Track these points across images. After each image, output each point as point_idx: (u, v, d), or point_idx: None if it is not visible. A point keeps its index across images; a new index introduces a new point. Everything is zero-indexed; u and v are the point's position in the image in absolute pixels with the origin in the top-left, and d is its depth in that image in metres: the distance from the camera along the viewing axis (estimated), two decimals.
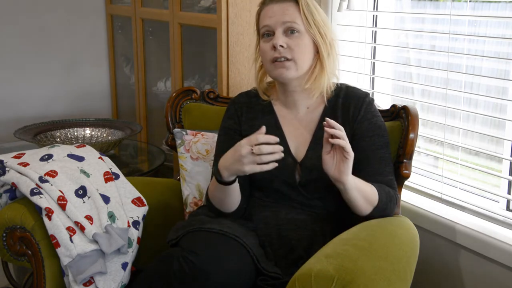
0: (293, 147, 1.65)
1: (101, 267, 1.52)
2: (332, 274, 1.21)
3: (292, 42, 1.57)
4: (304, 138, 1.65)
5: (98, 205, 1.60)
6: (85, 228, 1.54)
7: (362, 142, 1.62)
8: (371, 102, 1.66)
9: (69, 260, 1.51)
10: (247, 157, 1.43)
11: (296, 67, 1.59)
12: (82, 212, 1.58)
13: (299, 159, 1.63)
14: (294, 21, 1.58)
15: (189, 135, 1.96)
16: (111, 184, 1.69)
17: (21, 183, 1.59)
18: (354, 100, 1.64)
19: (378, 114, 1.66)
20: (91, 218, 1.58)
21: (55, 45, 3.18)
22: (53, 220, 1.53)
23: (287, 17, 1.58)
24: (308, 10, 1.59)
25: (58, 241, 1.52)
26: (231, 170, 1.50)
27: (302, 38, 1.58)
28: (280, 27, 1.58)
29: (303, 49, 1.58)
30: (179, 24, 2.54)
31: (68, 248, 1.51)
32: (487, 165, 1.87)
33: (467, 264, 1.79)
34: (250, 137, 1.45)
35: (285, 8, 1.59)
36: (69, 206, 1.56)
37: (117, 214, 1.62)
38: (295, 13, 1.58)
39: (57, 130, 2.59)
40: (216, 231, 1.49)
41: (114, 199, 1.65)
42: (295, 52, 1.58)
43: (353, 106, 1.64)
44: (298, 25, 1.58)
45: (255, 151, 1.42)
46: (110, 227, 1.57)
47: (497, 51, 1.82)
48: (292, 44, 1.57)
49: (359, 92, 1.67)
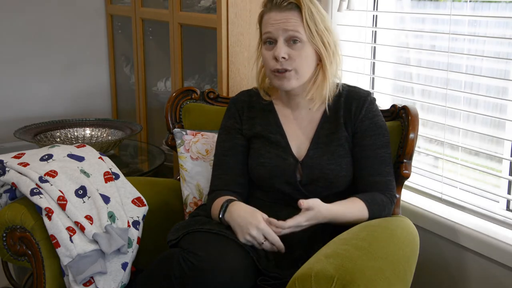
0: (294, 146, 1.65)
1: (101, 267, 1.52)
2: (332, 274, 1.21)
3: (294, 52, 1.56)
4: (305, 137, 1.65)
5: (98, 205, 1.60)
6: (85, 228, 1.54)
7: (363, 141, 1.62)
8: (372, 102, 1.66)
9: (69, 260, 1.51)
10: (252, 237, 1.47)
11: (297, 76, 1.58)
12: (82, 212, 1.58)
13: (300, 158, 1.63)
14: (297, 31, 1.56)
15: (189, 135, 1.96)
16: (111, 184, 1.69)
17: (21, 183, 1.59)
18: (356, 99, 1.64)
19: (379, 114, 1.67)
20: (91, 218, 1.58)
21: (55, 45, 3.18)
22: (53, 220, 1.53)
23: (290, 26, 1.56)
24: (312, 19, 1.56)
25: (58, 241, 1.52)
26: (232, 224, 1.52)
27: (304, 48, 1.57)
28: (282, 36, 1.56)
29: (305, 59, 1.57)
30: (179, 24, 2.54)
31: (68, 248, 1.51)
32: (487, 165, 1.87)
33: (467, 264, 1.79)
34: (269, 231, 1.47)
35: (288, 16, 1.56)
36: (69, 206, 1.56)
37: (117, 214, 1.62)
38: (298, 22, 1.56)
39: (57, 130, 2.59)
40: (215, 232, 1.49)
41: (114, 199, 1.65)
42: (297, 63, 1.57)
43: (355, 105, 1.64)
44: (301, 35, 1.56)
45: (262, 245, 1.48)
46: (110, 227, 1.57)
47: (497, 51, 1.82)
48: (294, 54, 1.56)
49: (361, 91, 1.67)
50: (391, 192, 1.63)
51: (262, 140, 1.68)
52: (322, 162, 1.60)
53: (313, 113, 1.67)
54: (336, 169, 1.60)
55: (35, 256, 1.57)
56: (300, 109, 1.68)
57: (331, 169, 1.60)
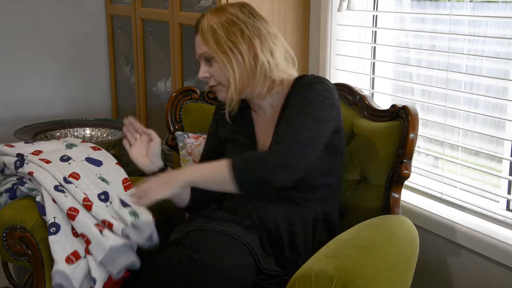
0: (261, 145, 1.69)
1: (134, 258, 1.51)
2: (332, 274, 1.21)
3: (211, 69, 1.64)
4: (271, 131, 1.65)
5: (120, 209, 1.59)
6: (113, 225, 1.52)
7: (284, 112, 1.62)
8: (312, 82, 1.61)
9: (103, 255, 1.48)
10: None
11: (225, 88, 1.64)
12: (107, 214, 1.57)
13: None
14: (203, 51, 1.63)
15: (191, 138, 1.97)
16: (132, 191, 1.67)
17: (42, 177, 1.58)
18: (300, 85, 1.63)
19: (314, 90, 1.59)
20: (116, 219, 1.57)
21: (55, 45, 3.18)
22: (79, 219, 1.52)
23: (199, 49, 1.65)
24: (209, 34, 1.61)
25: (88, 238, 1.50)
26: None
27: (217, 61, 1.62)
28: (200, 59, 1.66)
29: (221, 71, 1.62)
30: (179, 24, 2.54)
31: (101, 242, 1.49)
32: (487, 165, 1.87)
33: (467, 264, 1.79)
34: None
35: (197, 40, 1.66)
36: (94, 207, 1.55)
37: (139, 212, 1.60)
38: (202, 43, 1.63)
39: (57, 130, 2.59)
40: (218, 230, 1.50)
41: (134, 205, 1.64)
42: (216, 76, 1.64)
43: (295, 89, 1.63)
44: (207, 53, 1.62)
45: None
46: (136, 223, 1.55)
47: (497, 51, 1.82)
48: (211, 70, 1.64)
49: (308, 77, 1.64)
50: (277, 149, 1.50)
51: (233, 143, 1.75)
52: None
53: (275, 110, 1.69)
54: None
55: (35, 256, 1.57)
56: (264, 110, 1.71)
57: None
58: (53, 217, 1.53)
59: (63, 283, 1.45)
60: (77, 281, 1.47)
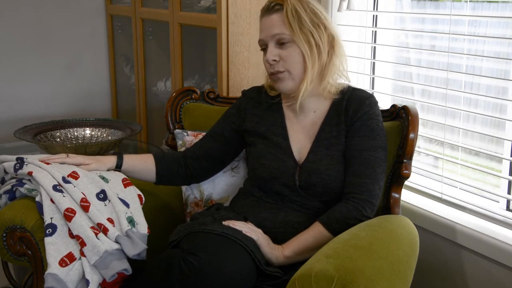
0: (295, 149, 1.66)
1: (127, 265, 1.51)
2: (332, 274, 1.21)
3: (284, 53, 1.57)
4: (308, 140, 1.65)
5: (118, 209, 1.58)
6: (109, 230, 1.52)
7: (351, 141, 1.61)
8: (371, 104, 1.63)
9: (96, 258, 1.48)
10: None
11: (291, 77, 1.59)
12: (104, 215, 1.56)
13: (300, 161, 1.63)
14: (282, 32, 1.56)
15: (190, 136, 1.96)
16: (131, 189, 1.67)
17: (41, 176, 1.58)
18: (355, 102, 1.63)
19: (376, 117, 1.63)
20: (113, 221, 1.56)
21: (55, 45, 3.18)
22: (76, 220, 1.51)
23: (275, 29, 1.56)
24: (295, 18, 1.55)
25: (83, 240, 1.49)
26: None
27: (294, 47, 1.56)
28: (271, 41, 1.58)
29: (295, 59, 1.57)
30: (179, 24, 2.54)
31: (96, 245, 1.48)
32: (487, 165, 1.87)
33: (467, 264, 1.79)
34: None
35: (274, 19, 1.57)
36: (92, 208, 1.54)
37: (137, 220, 1.60)
38: (283, 23, 1.56)
39: (57, 130, 2.59)
40: (217, 232, 1.48)
41: (133, 205, 1.63)
42: (288, 63, 1.57)
43: (353, 108, 1.62)
44: (286, 35, 1.56)
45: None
46: (131, 232, 1.55)
47: (497, 51, 1.82)
48: (283, 55, 1.57)
49: (362, 94, 1.65)
50: (361, 195, 1.55)
51: (265, 140, 1.69)
52: (321, 167, 1.60)
53: (317, 115, 1.67)
54: (334, 174, 1.59)
55: (35, 256, 1.57)
56: (304, 111, 1.67)
57: (329, 175, 1.59)
58: (50, 217, 1.53)
59: (56, 285, 1.45)
60: (72, 282, 1.47)
